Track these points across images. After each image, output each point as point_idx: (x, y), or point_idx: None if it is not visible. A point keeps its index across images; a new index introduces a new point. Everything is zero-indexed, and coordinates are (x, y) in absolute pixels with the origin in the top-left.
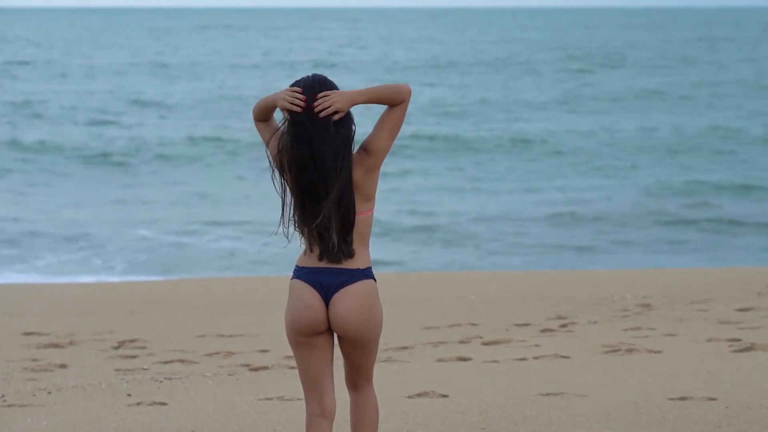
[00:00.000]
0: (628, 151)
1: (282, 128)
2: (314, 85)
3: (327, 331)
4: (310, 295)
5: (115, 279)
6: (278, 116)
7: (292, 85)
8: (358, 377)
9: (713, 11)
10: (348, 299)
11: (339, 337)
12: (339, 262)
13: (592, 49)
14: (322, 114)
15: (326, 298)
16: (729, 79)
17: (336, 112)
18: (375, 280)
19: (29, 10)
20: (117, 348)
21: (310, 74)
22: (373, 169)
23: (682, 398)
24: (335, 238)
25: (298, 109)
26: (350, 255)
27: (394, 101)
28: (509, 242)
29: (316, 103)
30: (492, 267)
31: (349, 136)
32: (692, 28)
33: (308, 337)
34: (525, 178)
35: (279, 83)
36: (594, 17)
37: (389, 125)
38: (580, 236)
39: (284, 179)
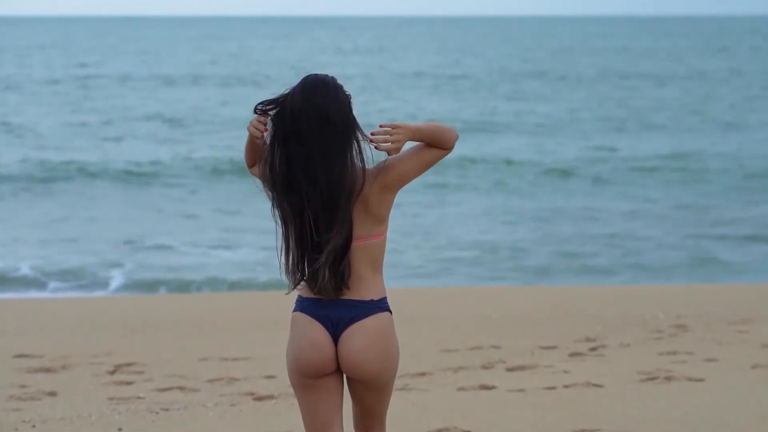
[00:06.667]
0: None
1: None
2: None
3: (336, 371)
4: (316, 332)
5: (117, 294)
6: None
7: (294, 88)
8: (371, 421)
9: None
10: (361, 336)
11: (349, 378)
12: (340, 293)
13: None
14: (390, 149)
15: (335, 335)
16: None
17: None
18: (391, 312)
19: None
20: (112, 373)
21: (309, 76)
22: (390, 191)
23: None
24: (326, 272)
25: (259, 135)
26: (342, 287)
27: (441, 145)
28: (526, 258)
29: (381, 139)
30: (513, 283)
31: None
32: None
33: (314, 379)
34: (544, 196)
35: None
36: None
37: (423, 160)
38: (601, 252)
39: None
